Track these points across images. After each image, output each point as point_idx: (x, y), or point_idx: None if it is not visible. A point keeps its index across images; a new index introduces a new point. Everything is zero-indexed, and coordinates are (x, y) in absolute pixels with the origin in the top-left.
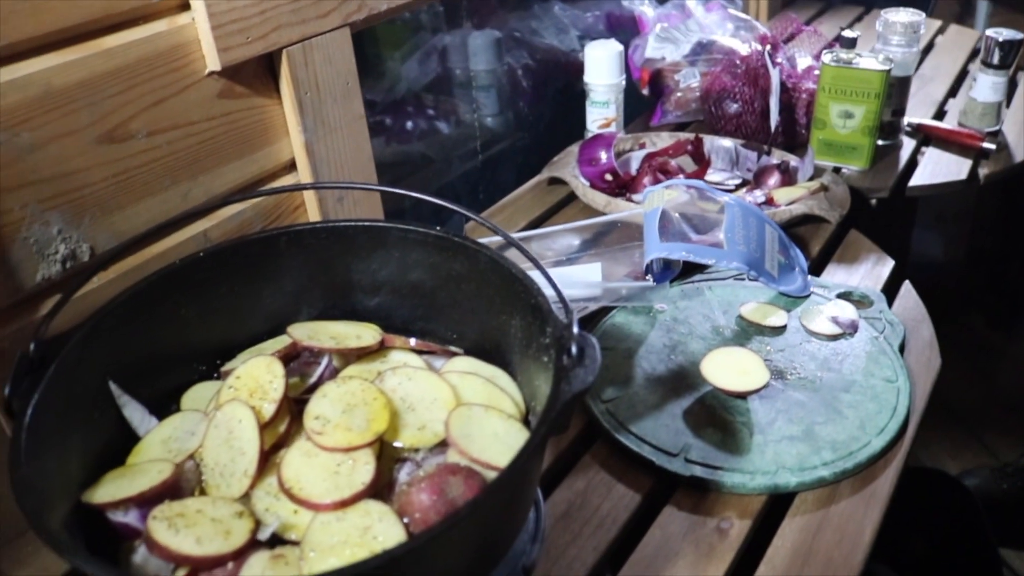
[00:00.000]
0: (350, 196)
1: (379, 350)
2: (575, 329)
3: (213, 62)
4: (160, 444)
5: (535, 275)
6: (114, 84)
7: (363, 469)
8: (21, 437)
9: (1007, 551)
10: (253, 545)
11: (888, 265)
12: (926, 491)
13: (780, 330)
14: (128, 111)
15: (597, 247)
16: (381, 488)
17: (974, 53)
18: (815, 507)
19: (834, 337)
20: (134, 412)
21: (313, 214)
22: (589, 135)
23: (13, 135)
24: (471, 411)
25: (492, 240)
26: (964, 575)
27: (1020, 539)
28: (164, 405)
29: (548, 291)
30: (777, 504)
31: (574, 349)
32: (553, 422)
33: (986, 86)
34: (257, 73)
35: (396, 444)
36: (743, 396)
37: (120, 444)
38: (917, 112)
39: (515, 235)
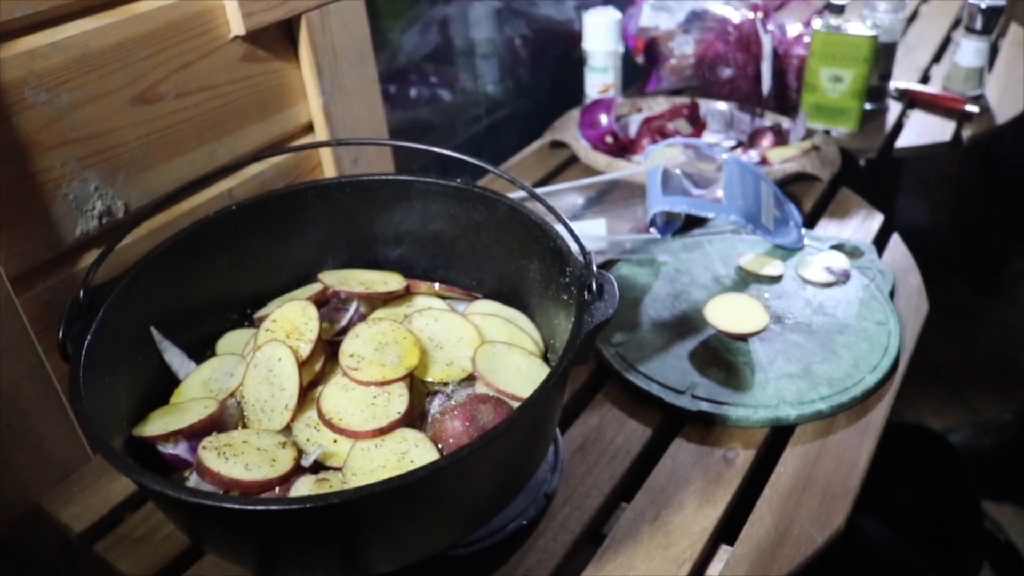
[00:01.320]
0: (365, 158)
1: (404, 295)
2: (594, 267)
3: (237, 27)
4: (200, 385)
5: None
6: (146, 47)
7: (397, 400)
8: (79, 374)
9: (988, 503)
10: (298, 471)
11: (877, 219)
12: (911, 447)
13: (777, 279)
14: (159, 73)
15: (600, 205)
16: (414, 419)
17: (957, 21)
18: (814, 437)
19: (828, 285)
20: (174, 356)
21: (330, 174)
22: (589, 100)
23: (54, 96)
24: (495, 348)
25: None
26: (948, 527)
27: (1001, 491)
28: (200, 351)
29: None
30: (779, 435)
31: (594, 285)
32: (578, 350)
33: (969, 51)
34: (277, 38)
35: (427, 379)
36: (744, 338)
37: (162, 387)
38: (903, 77)
39: (521, 194)
